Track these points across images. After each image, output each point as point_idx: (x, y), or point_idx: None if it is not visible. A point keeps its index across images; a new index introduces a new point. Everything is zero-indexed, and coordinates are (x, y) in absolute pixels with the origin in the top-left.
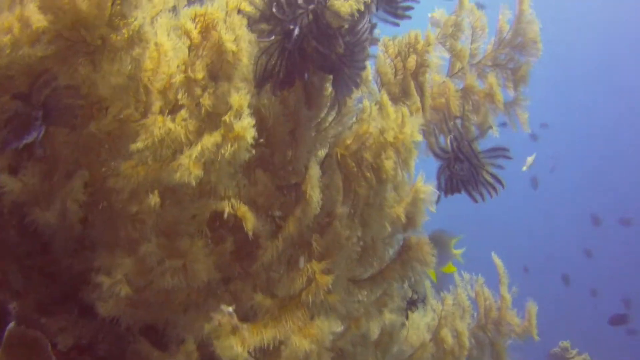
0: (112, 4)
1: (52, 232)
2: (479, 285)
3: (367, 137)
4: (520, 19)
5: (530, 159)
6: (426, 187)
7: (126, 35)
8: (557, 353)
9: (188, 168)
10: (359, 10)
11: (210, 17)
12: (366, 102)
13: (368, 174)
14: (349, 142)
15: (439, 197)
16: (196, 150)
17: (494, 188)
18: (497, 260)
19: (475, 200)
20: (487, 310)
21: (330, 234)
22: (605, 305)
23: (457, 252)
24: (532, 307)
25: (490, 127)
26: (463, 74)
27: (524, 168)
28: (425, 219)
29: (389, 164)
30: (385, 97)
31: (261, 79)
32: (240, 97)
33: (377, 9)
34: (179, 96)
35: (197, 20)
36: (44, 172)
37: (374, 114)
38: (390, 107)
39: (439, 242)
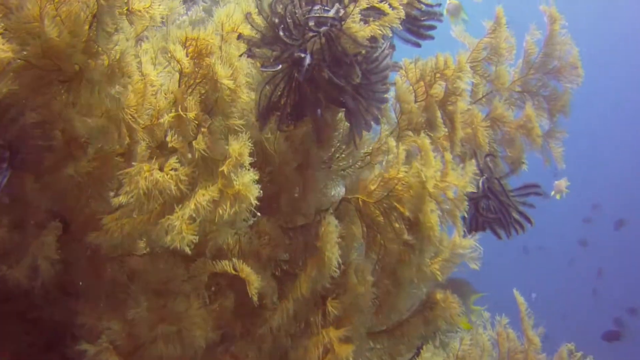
0: (90, 28)
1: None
2: (501, 326)
3: (395, 183)
4: (551, 40)
5: (561, 183)
6: (466, 241)
7: (106, 63)
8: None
9: (180, 231)
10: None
11: (204, 42)
12: (392, 142)
13: (398, 226)
14: (372, 187)
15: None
16: (189, 208)
17: (522, 226)
18: (519, 298)
19: (500, 238)
20: (512, 353)
21: (349, 295)
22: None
23: (476, 308)
24: (564, 353)
25: (523, 162)
26: (489, 100)
27: (557, 196)
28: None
29: (433, 218)
30: (427, 142)
31: (265, 112)
32: (240, 144)
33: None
34: (169, 138)
35: (188, 44)
36: (12, 222)
37: (401, 156)
38: (431, 153)
39: (459, 291)
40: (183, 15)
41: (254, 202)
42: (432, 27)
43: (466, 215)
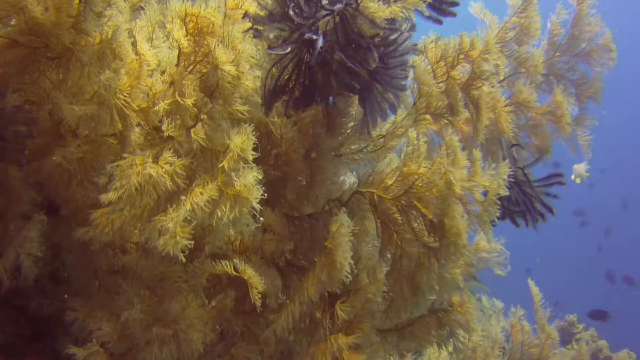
0: (80, 2)
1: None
2: (515, 317)
3: (415, 179)
4: (579, 20)
5: (580, 167)
6: (491, 245)
7: (98, 41)
8: (564, 327)
9: (173, 234)
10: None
11: (205, 21)
12: (412, 134)
13: (417, 226)
14: (389, 182)
15: None
16: (184, 209)
17: (543, 217)
18: (534, 289)
19: (518, 226)
20: (526, 347)
21: (359, 297)
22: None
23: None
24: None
25: (549, 152)
26: (510, 82)
27: (578, 180)
28: None
29: (460, 224)
30: (455, 140)
31: (271, 95)
32: (242, 138)
33: None
34: (165, 127)
35: (188, 20)
36: None
37: (422, 149)
38: (460, 151)
39: None
40: None
41: (257, 206)
42: (455, 3)
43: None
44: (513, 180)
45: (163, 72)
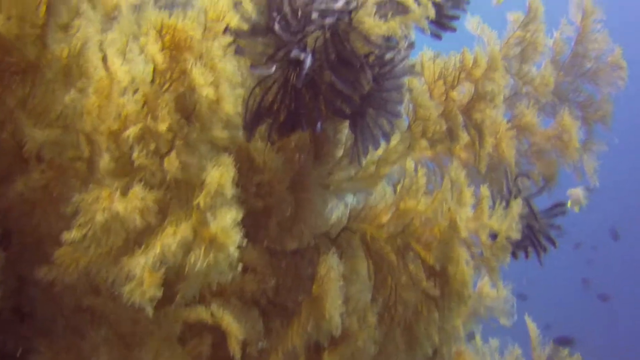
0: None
1: None
2: (513, 357)
3: (413, 217)
4: (584, 37)
5: (577, 192)
6: (496, 292)
7: (65, 54)
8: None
9: (141, 282)
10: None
11: (182, 34)
12: (410, 165)
13: (414, 270)
14: (384, 219)
15: None
16: (154, 252)
17: (546, 250)
18: (532, 327)
19: (517, 259)
20: None
21: (348, 345)
22: None
23: None
24: None
25: (555, 180)
26: (512, 103)
27: (576, 208)
28: None
29: (466, 272)
30: (462, 175)
31: (253, 119)
32: (221, 171)
33: None
34: (135, 155)
35: (164, 33)
36: None
37: (421, 182)
38: (467, 189)
39: None
40: None
41: (235, 253)
42: (456, 17)
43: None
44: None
45: (136, 91)
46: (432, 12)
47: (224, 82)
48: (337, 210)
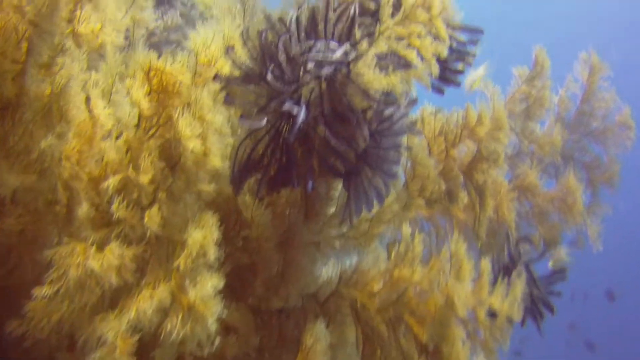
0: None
1: None
2: None
3: (407, 287)
4: (590, 95)
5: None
6: None
7: (47, 92)
8: None
9: (112, 348)
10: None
11: (170, 78)
12: (406, 230)
13: (406, 344)
14: (376, 286)
15: None
16: (128, 316)
17: (542, 317)
18: None
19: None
20: None
21: None
22: None
23: None
24: None
25: (558, 244)
26: (513, 163)
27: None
28: None
29: (461, 353)
30: (462, 249)
31: (242, 173)
32: (204, 232)
33: None
34: (114, 207)
35: (152, 75)
36: None
37: (417, 250)
38: (466, 263)
39: None
40: (158, 20)
41: (214, 324)
42: (460, 72)
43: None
44: None
45: (119, 136)
46: (435, 70)
47: (212, 134)
48: (327, 269)
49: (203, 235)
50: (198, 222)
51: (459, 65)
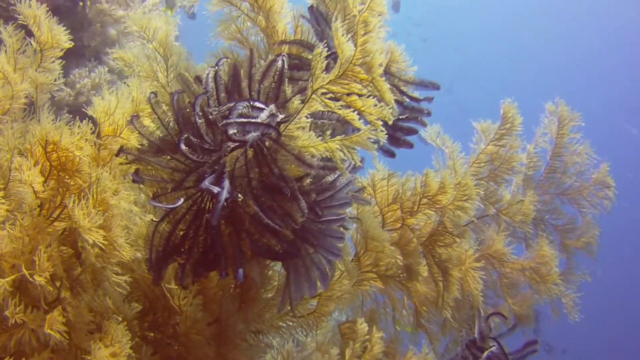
0: None
1: None
2: None
3: None
4: (561, 149)
5: None
6: None
7: None
8: None
9: None
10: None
11: (67, 154)
12: (362, 328)
13: None
14: None
15: None
16: None
17: None
18: None
19: None
20: None
21: None
22: None
23: None
24: None
25: (530, 321)
26: (477, 227)
27: None
28: None
29: None
30: None
31: (161, 260)
32: (111, 351)
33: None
34: (9, 312)
35: (50, 150)
36: None
37: (376, 350)
38: None
39: None
40: (84, 79)
41: None
42: (414, 132)
43: None
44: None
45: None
46: (382, 135)
47: (117, 222)
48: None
49: (109, 353)
50: (103, 334)
51: (411, 125)
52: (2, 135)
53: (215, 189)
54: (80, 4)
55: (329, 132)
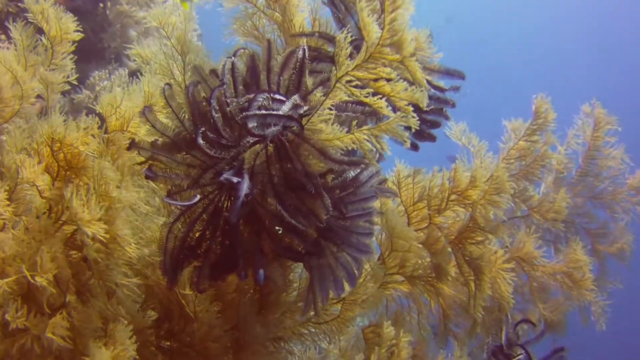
0: None
1: None
2: None
3: None
4: (594, 153)
5: None
6: None
7: None
8: None
9: None
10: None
11: (72, 150)
12: (389, 332)
13: None
14: None
15: None
16: None
17: None
18: None
19: None
20: None
21: None
22: None
23: None
24: None
25: (563, 329)
26: (505, 229)
27: None
28: None
29: None
30: None
31: (175, 262)
32: (114, 354)
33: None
34: (9, 316)
35: (57, 149)
36: None
37: (403, 356)
38: None
39: None
40: (104, 81)
41: None
42: (438, 125)
43: None
44: None
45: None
46: (414, 121)
47: (120, 216)
48: None
49: (113, 356)
50: (111, 335)
51: (436, 118)
52: (10, 136)
53: (235, 179)
54: (101, 5)
55: (355, 122)
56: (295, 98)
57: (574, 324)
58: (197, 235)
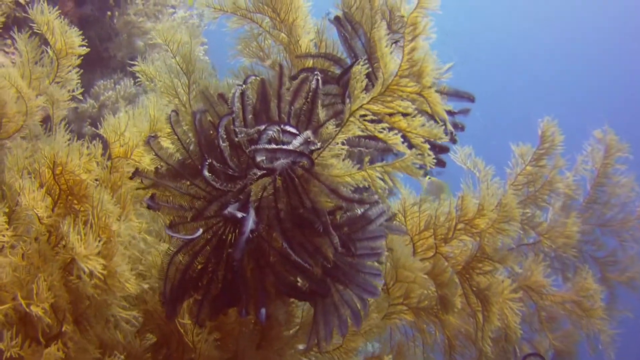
0: None
1: None
2: None
3: None
4: (604, 180)
5: None
6: None
7: None
8: None
9: None
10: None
11: (73, 177)
12: None
13: None
14: None
15: None
16: None
17: None
18: None
19: None
20: None
21: None
22: None
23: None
24: None
25: (574, 356)
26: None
27: None
28: None
29: None
30: None
31: (176, 294)
32: None
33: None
34: (3, 345)
35: (59, 172)
36: None
37: None
38: None
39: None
40: (109, 91)
41: None
42: (446, 150)
43: None
44: None
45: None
46: (430, 160)
47: (118, 254)
48: None
49: None
50: None
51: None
52: (12, 154)
53: (240, 214)
54: (108, 14)
55: (367, 159)
56: (308, 134)
57: (581, 352)
58: (199, 267)
